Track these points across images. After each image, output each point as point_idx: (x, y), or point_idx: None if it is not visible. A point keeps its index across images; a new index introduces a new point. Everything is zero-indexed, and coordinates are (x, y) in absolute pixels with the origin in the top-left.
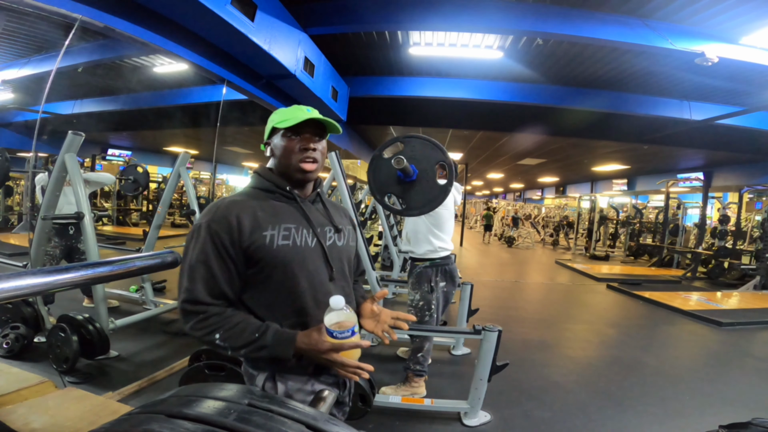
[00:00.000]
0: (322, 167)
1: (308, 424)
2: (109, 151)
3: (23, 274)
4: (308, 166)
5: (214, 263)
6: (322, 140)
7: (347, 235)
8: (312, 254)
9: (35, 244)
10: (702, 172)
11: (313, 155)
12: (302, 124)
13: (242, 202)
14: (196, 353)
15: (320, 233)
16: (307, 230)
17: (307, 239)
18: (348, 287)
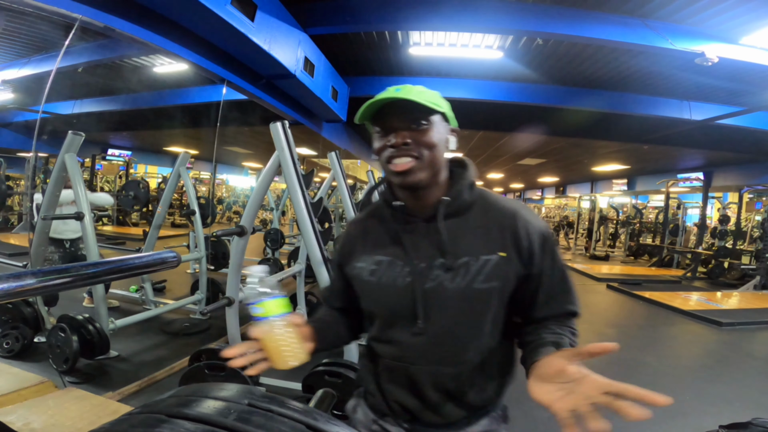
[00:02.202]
0: (435, 166)
1: (308, 424)
2: (109, 151)
3: (23, 274)
4: (397, 166)
5: (334, 273)
6: (420, 127)
7: (473, 270)
8: (397, 295)
9: (35, 244)
10: (702, 172)
11: (404, 151)
12: (381, 111)
13: (360, 222)
14: (196, 353)
15: (419, 270)
16: (403, 264)
17: (396, 276)
18: (463, 349)
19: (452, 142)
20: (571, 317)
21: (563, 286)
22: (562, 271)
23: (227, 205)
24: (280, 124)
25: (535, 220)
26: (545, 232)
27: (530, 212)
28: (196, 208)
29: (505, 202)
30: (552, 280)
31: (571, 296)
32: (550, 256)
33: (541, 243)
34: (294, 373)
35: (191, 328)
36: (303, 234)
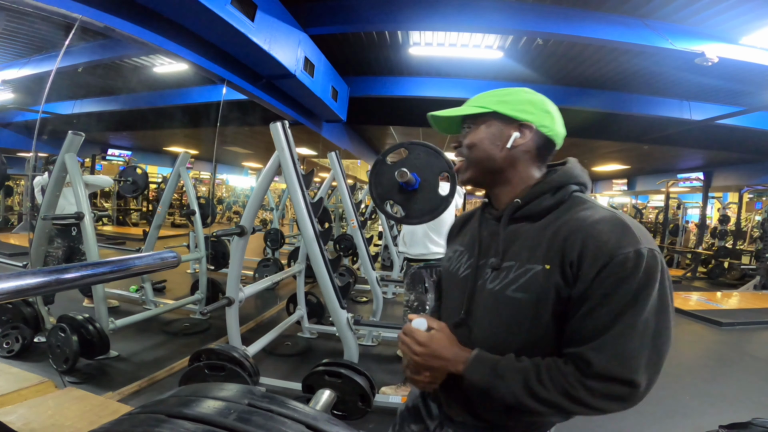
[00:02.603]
0: (482, 166)
1: (308, 424)
2: (109, 151)
3: (23, 274)
4: (455, 167)
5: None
6: (462, 131)
7: (511, 276)
8: (457, 286)
9: (35, 244)
10: (702, 172)
11: (457, 152)
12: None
13: (464, 213)
14: (196, 353)
15: (478, 265)
16: (469, 256)
17: (460, 267)
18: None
19: (512, 139)
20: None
21: (622, 338)
22: (630, 320)
23: (227, 205)
24: (280, 124)
25: (612, 237)
26: (615, 256)
27: (615, 228)
28: (196, 208)
29: (591, 211)
30: (599, 318)
31: (632, 359)
32: (609, 288)
33: (597, 264)
34: (294, 373)
35: (191, 328)
36: (303, 234)
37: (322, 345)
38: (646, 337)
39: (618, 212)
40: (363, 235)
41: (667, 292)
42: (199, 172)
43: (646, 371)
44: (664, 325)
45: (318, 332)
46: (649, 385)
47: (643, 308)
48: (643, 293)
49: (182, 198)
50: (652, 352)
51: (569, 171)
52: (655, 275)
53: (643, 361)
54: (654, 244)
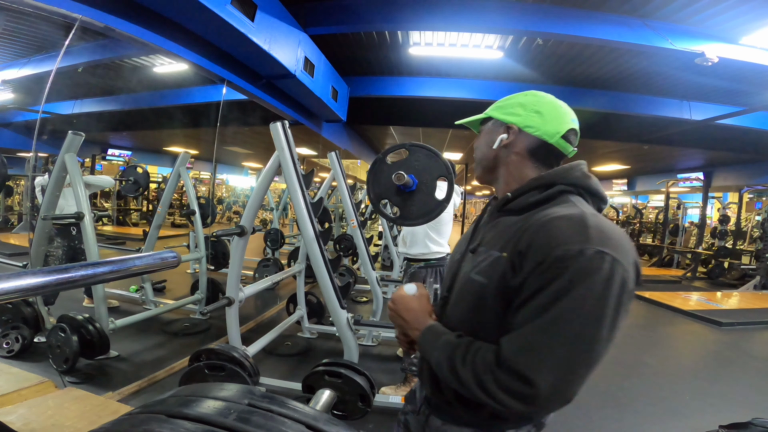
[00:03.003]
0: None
1: (308, 424)
2: (109, 151)
3: (23, 274)
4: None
5: None
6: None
7: (478, 260)
8: (450, 268)
9: (35, 244)
10: (702, 172)
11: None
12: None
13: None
14: (196, 353)
15: (468, 249)
16: (465, 242)
17: (457, 251)
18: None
19: (498, 140)
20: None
21: (536, 333)
22: (551, 317)
23: (227, 205)
24: (280, 124)
25: (563, 233)
26: (555, 251)
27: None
28: (196, 208)
29: (565, 209)
30: (526, 310)
31: (537, 355)
32: (542, 282)
33: (538, 257)
34: (294, 373)
35: (191, 328)
36: (303, 234)
37: (322, 345)
38: (563, 338)
39: (590, 214)
40: (363, 235)
41: (608, 303)
42: (199, 172)
43: (551, 375)
44: (591, 335)
45: (318, 332)
46: (553, 393)
47: (569, 308)
48: (573, 292)
49: (182, 198)
50: (565, 358)
51: (562, 171)
52: (596, 278)
53: (549, 362)
54: (616, 251)
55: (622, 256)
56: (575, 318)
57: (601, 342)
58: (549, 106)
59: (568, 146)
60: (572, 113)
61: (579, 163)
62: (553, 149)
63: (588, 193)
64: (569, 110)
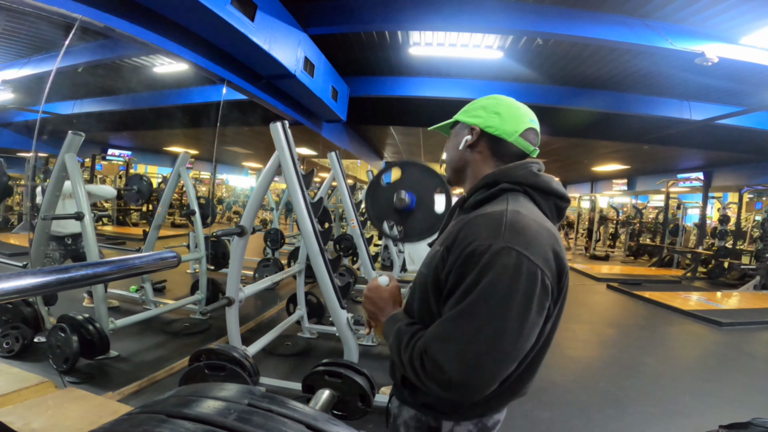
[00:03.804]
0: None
1: (308, 424)
2: (109, 151)
3: (23, 274)
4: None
5: None
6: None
7: (428, 257)
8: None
9: (35, 244)
10: (702, 172)
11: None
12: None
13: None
14: (196, 353)
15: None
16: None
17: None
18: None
19: (464, 141)
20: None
21: (449, 323)
22: (461, 308)
23: (227, 205)
24: (280, 124)
25: (480, 230)
26: (469, 246)
27: (489, 223)
28: (196, 208)
29: (495, 207)
30: (448, 303)
31: (447, 343)
32: (458, 276)
33: (456, 252)
34: (294, 373)
35: (191, 328)
36: (303, 234)
37: (322, 345)
38: (469, 329)
39: (510, 212)
40: (363, 235)
41: (515, 295)
42: (199, 172)
43: (458, 363)
44: (497, 328)
45: (318, 332)
46: (464, 381)
47: (476, 301)
48: (479, 286)
49: (182, 198)
50: (471, 348)
51: (506, 169)
52: (501, 271)
53: (456, 350)
54: (525, 248)
55: (531, 251)
56: (481, 310)
57: (509, 334)
58: (507, 107)
59: (528, 145)
60: (531, 114)
61: (528, 161)
62: (513, 148)
63: (537, 191)
64: (529, 112)
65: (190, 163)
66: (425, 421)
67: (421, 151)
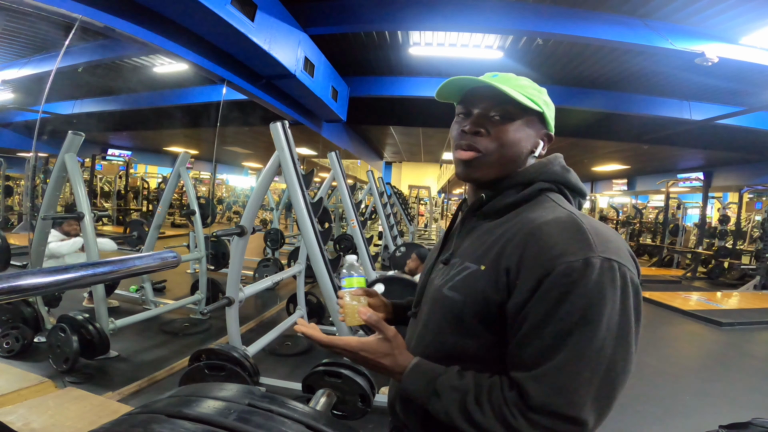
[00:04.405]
0: (504, 167)
1: (308, 424)
2: (109, 151)
3: (23, 274)
4: (460, 154)
5: None
6: (496, 119)
7: (451, 274)
8: (422, 283)
9: (35, 244)
10: (702, 172)
11: (471, 140)
12: (469, 93)
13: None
14: (196, 353)
15: (439, 259)
16: (438, 251)
17: (430, 261)
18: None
19: (540, 147)
20: (549, 415)
21: (567, 369)
22: (577, 348)
23: (227, 205)
24: (280, 124)
25: (559, 242)
26: (558, 264)
27: (565, 231)
28: (196, 208)
29: (548, 212)
30: (541, 340)
31: (577, 393)
32: (551, 305)
33: (537, 273)
34: (294, 373)
35: (191, 328)
36: (303, 234)
37: None
38: (596, 367)
39: (579, 215)
40: (363, 235)
41: (630, 313)
42: (199, 172)
43: (594, 407)
44: (622, 355)
45: None
46: (598, 421)
47: (594, 331)
48: (592, 312)
49: (182, 198)
50: (603, 386)
51: (541, 166)
52: (611, 291)
53: (590, 395)
54: (619, 255)
55: (625, 259)
56: (607, 342)
57: (632, 356)
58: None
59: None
60: None
61: (556, 156)
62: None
63: (569, 188)
64: None
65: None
66: None
67: (421, 151)
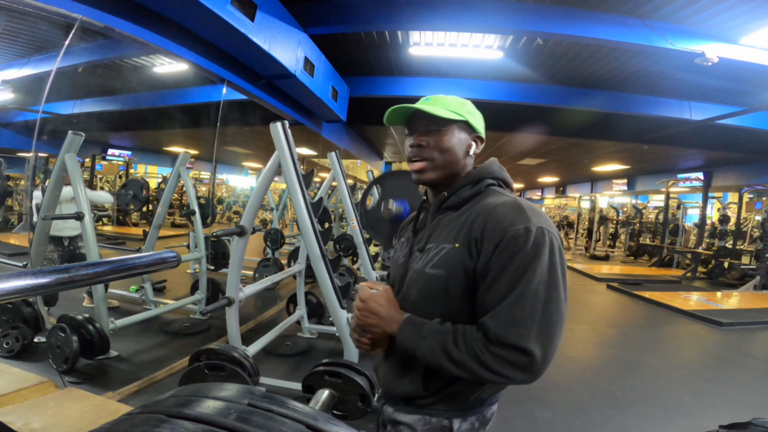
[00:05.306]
0: (445, 170)
1: (308, 424)
2: (109, 151)
3: (23, 274)
4: (412, 165)
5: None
6: (432, 133)
7: (430, 256)
8: (397, 271)
9: (35, 244)
10: (702, 172)
11: (417, 153)
12: (411, 116)
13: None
14: (196, 353)
15: (413, 250)
16: (407, 245)
17: (400, 255)
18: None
19: (473, 148)
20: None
21: (515, 306)
22: (521, 289)
23: (227, 205)
24: (280, 124)
25: (508, 217)
26: (508, 232)
27: (512, 210)
28: (196, 208)
29: (497, 198)
30: (497, 288)
31: (523, 326)
32: (504, 261)
33: (495, 240)
34: (294, 373)
35: (191, 328)
36: (303, 234)
37: (322, 345)
38: (536, 305)
39: (519, 199)
40: (363, 235)
41: (557, 266)
42: (199, 172)
43: (539, 340)
44: (554, 296)
45: (318, 332)
46: (545, 356)
47: (532, 278)
48: (531, 264)
49: (182, 198)
50: (542, 322)
51: (486, 168)
52: (543, 249)
53: (534, 329)
54: (547, 225)
55: (553, 228)
56: (541, 286)
57: (563, 301)
58: (474, 107)
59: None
60: None
61: (493, 160)
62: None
63: (505, 183)
64: None
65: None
66: (436, 423)
67: None
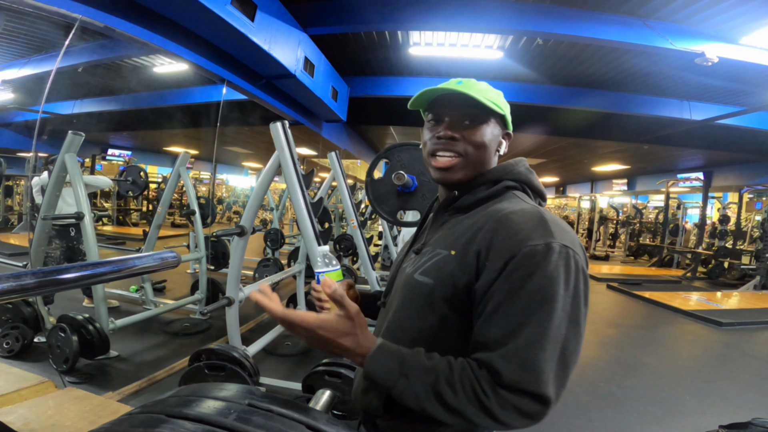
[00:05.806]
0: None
1: (308, 424)
2: (109, 151)
3: (23, 274)
4: (439, 161)
5: None
6: (474, 125)
7: (422, 260)
8: (393, 273)
9: (35, 244)
10: (702, 172)
11: (448, 145)
12: (438, 100)
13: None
14: (196, 353)
15: (410, 250)
16: (410, 244)
17: (402, 253)
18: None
19: (504, 147)
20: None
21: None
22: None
23: (227, 205)
24: (280, 124)
25: (524, 228)
26: (523, 247)
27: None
28: (196, 208)
29: (516, 204)
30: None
31: (543, 372)
32: (516, 283)
33: (505, 255)
34: (294, 373)
35: (191, 328)
36: (303, 234)
37: None
38: (556, 345)
39: (542, 209)
40: (363, 235)
41: (581, 296)
42: (199, 172)
43: (554, 384)
44: (573, 334)
45: None
46: (557, 398)
47: (553, 311)
48: (551, 292)
49: (182, 198)
50: (560, 363)
51: (508, 167)
52: (566, 274)
53: (552, 371)
54: (572, 243)
55: (578, 248)
56: (563, 321)
57: (582, 337)
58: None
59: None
60: None
61: (521, 159)
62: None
63: (531, 188)
64: None
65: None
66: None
67: None
